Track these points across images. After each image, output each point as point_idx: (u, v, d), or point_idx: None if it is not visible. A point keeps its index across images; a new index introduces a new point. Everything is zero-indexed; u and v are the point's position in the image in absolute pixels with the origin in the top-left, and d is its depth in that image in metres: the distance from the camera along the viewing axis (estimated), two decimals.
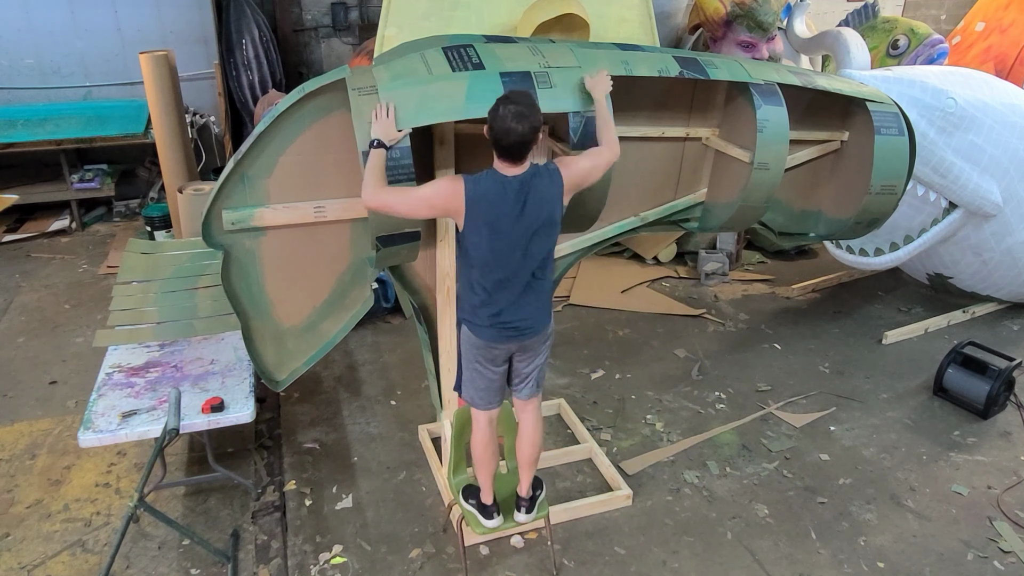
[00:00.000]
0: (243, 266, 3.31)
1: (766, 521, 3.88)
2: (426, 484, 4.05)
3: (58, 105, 7.54)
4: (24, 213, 7.41)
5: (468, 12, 3.53)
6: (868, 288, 6.45)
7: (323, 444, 4.36)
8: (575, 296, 6.19)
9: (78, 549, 3.56)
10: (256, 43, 7.53)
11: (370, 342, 5.47)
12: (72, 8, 7.39)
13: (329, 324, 3.56)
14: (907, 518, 3.92)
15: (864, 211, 3.71)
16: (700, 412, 4.75)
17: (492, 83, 2.93)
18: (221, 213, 3.14)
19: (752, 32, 6.53)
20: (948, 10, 10.28)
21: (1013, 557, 3.69)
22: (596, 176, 2.89)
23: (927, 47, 6.87)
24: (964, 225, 5.44)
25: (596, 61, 3.13)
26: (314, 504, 3.90)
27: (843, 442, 4.50)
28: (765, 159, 3.45)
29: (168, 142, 6.18)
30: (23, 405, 4.62)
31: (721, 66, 3.35)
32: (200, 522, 3.76)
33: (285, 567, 3.50)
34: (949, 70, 5.21)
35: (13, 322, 5.62)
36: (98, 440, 3.30)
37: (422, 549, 3.62)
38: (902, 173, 3.71)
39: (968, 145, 5.01)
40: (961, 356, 4.89)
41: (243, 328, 3.41)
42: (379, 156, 2.74)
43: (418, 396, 4.83)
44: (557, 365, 5.22)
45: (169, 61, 6.05)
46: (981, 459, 4.40)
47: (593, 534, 3.74)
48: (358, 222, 3.35)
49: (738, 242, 6.87)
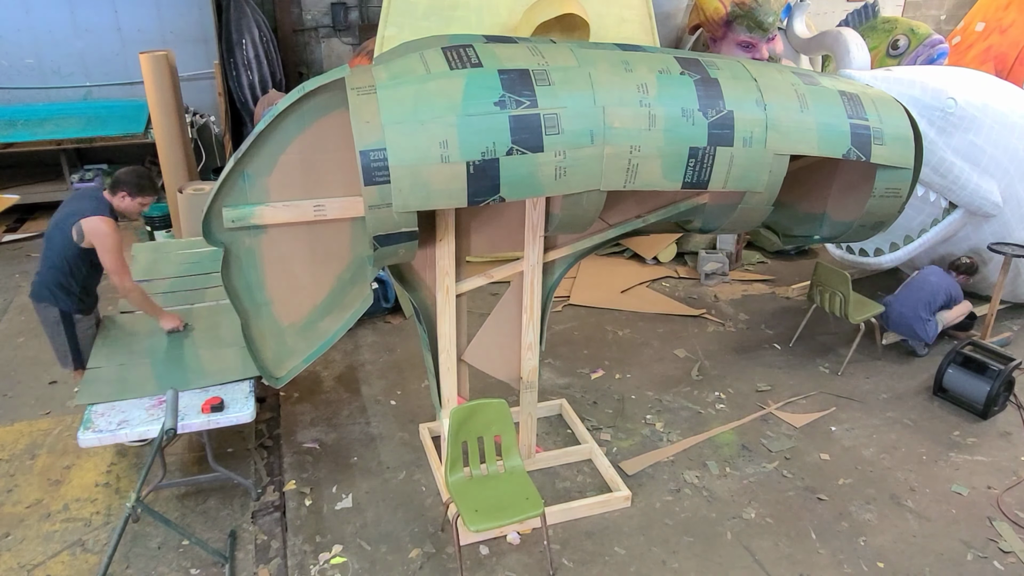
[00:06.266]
0: (243, 264, 3.32)
1: (766, 521, 3.87)
2: (426, 484, 4.05)
3: (58, 105, 7.56)
4: (24, 213, 7.42)
5: (468, 12, 3.54)
6: (868, 288, 6.44)
7: (323, 444, 4.36)
8: (575, 296, 6.19)
9: (78, 549, 3.56)
10: (256, 43, 7.54)
11: (370, 342, 5.47)
12: (72, 8, 7.40)
13: (328, 322, 3.56)
14: (907, 518, 3.92)
15: (868, 214, 3.70)
16: (700, 412, 4.75)
17: (490, 81, 2.93)
18: (221, 211, 3.15)
19: (752, 32, 6.53)
20: (948, 10, 10.28)
21: (1013, 557, 3.68)
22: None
23: (927, 47, 6.88)
24: (964, 225, 5.44)
25: (596, 61, 3.13)
26: (314, 504, 3.90)
27: (843, 442, 4.50)
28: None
29: (168, 142, 6.19)
30: (23, 405, 4.62)
31: (722, 66, 3.34)
32: (200, 522, 3.76)
33: (285, 567, 3.50)
34: (949, 70, 5.21)
35: (13, 322, 5.62)
36: (98, 440, 3.30)
37: (422, 549, 3.62)
38: (907, 176, 3.69)
39: (968, 145, 5.01)
40: (961, 356, 4.89)
41: (243, 325, 3.42)
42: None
43: (418, 396, 4.83)
44: (557, 365, 5.23)
45: (169, 61, 6.05)
46: (981, 459, 4.39)
47: (593, 534, 3.74)
48: (358, 221, 3.36)
49: (738, 242, 6.87)
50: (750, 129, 3.20)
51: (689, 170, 3.19)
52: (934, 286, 5.26)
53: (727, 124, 3.18)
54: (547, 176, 2.99)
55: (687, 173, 3.19)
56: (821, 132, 3.31)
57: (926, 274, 5.36)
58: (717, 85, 3.22)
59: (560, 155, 2.97)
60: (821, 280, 5.38)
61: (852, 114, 3.39)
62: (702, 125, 3.14)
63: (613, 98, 3.04)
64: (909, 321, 5.23)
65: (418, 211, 2.95)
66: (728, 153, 3.20)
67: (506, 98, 2.91)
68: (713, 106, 3.17)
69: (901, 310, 5.28)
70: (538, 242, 3.60)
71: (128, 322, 4.18)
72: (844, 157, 3.33)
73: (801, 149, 3.28)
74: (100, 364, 3.79)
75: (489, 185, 2.94)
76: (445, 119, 2.85)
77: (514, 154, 2.91)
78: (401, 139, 2.82)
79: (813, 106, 3.33)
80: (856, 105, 3.42)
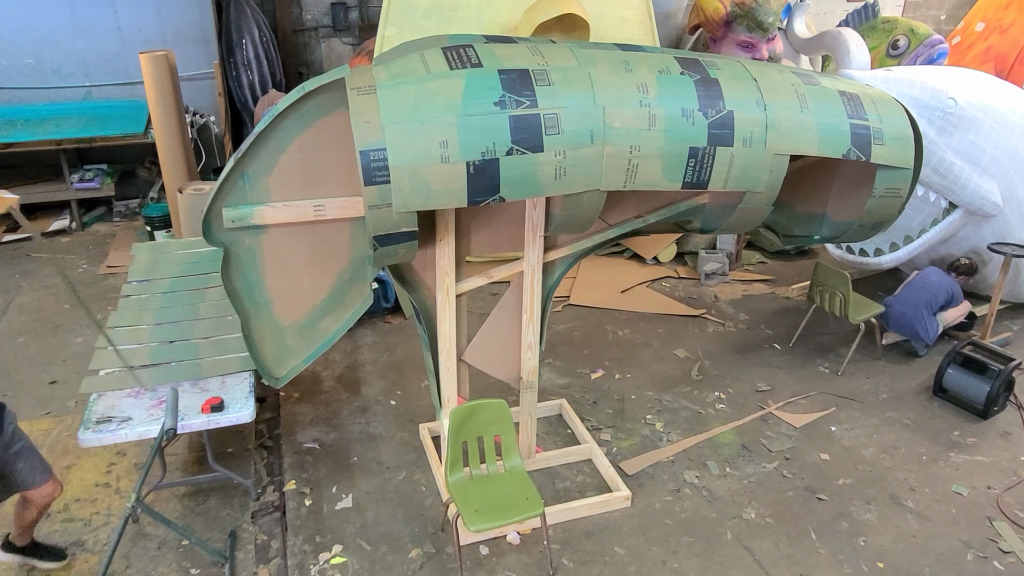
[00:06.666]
0: (243, 264, 3.32)
1: (766, 521, 3.87)
2: (426, 484, 4.05)
3: (58, 105, 7.56)
4: (24, 213, 7.40)
5: (468, 12, 3.54)
6: (868, 288, 6.44)
7: (323, 444, 4.36)
8: (575, 296, 6.19)
9: (78, 549, 3.56)
10: (256, 43, 7.54)
11: (370, 342, 5.47)
12: (72, 8, 7.40)
13: (328, 322, 3.56)
14: (907, 518, 3.92)
15: (868, 214, 3.70)
16: (700, 412, 4.75)
17: (490, 81, 2.93)
18: (221, 211, 3.15)
19: (752, 32, 6.53)
20: (948, 10, 10.28)
21: (1013, 557, 3.68)
22: None
23: (927, 47, 6.88)
24: (964, 225, 5.44)
25: (596, 61, 3.13)
26: (314, 504, 3.90)
27: (843, 442, 4.50)
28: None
29: (168, 142, 6.18)
30: (23, 405, 4.62)
31: (722, 66, 3.34)
32: (200, 522, 3.76)
33: (285, 567, 3.50)
34: (949, 70, 5.22)
35: (13, 322, 5.62)
36: (98, 440, 3.30)
37: (422, 549, 3.62)
38: (907, 176, 3.69)
39: (968, 145, 5.02)
40: (961, 356, 4.89)
41: (243, 325, 3.42)
42: None
43: (418, 396, 4.83)
44: (557, 365, 5.23)
45: (169, 61, 6.05)
46: (981, 459, 4.39)
47: (593, 534, 3.74)
48: (357, 221, 3.36)
49: (738, 242, 6.87)
50: (750, 129, 3.20)
51: (689, 170, 3.19)
52: (936, 286, 5.26)
53: (727, 124, 3.18)
54: (547, 176, 2.99)
55: (687, 173, 3.19)
56: (821, 132, 3.31)
57: (927, 274, 5.36)
58: (717, 85, 3.22)
59: (560, 155, 2.97)
60: (821, 280, 5.38)
61: (852, 114, 3.38)
62: (702, 125, 3.14)
63: (613, 98, 3.04)
64: (911, 321, 5.23)
65: (418, 211, 2.95)
66: (728, 153, 3.19)
67: (506, 98, 2.91)
68: (713, 106, 3.17)
69: (902, 310, 5.28)
70: (538, 242, 3.61)
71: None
72: (844, 157, 3.33)
73: (801, 149, 3.28)
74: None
75: (489, 185, 2.94)
76: (445, 119, 2.85)
77: (514, 154, 2.91)
78: (401, 139, 2.82)
79: (813, 106, 3.33)
80: (856, 105, 3.42)
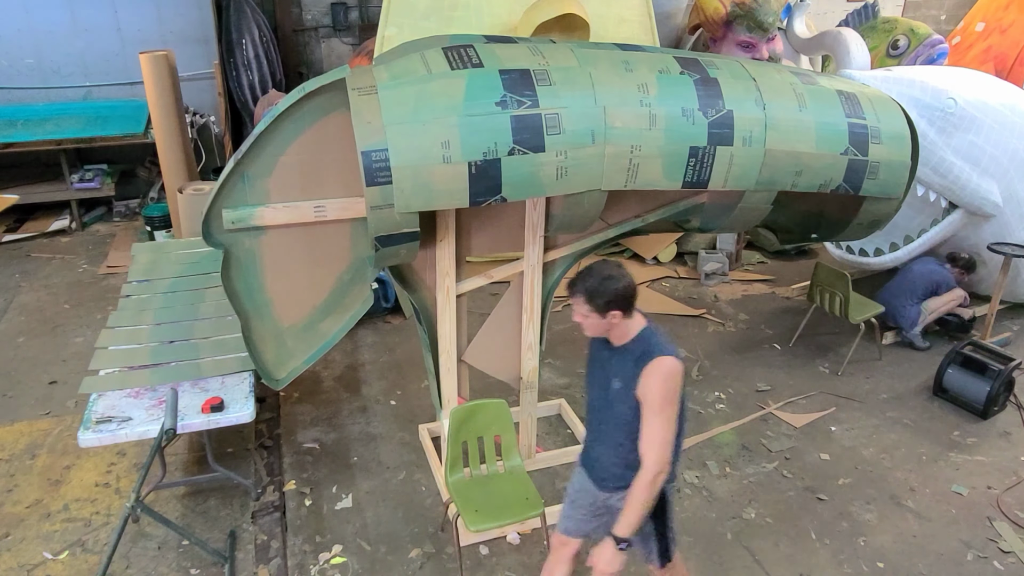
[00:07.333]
0: (243, 265, 3.31)
1: (766, 521, 3.87)
2: (426, 484, 4.05)
3: (58, 105, 7.55)
4: (24, 213, 7.41)
5: (468, 12, 3.53)
6: (868, 288, 6.44)
7: (323, 444, 4.36)
8: None
9: (78, 549, 3.56)
10: (256, 43, 7.54)
11: (370, 342, 5.47)
12: (72, 8, 7.40)
13: (329, 323, 3.56)
14: (907, 518, 3.92)
15: (865, 212, 3.71)
16: (700, 412, 4.75)
17: (491, 81, 2.93)
18: (221, 212, 3.14)
19: (752, 32, 6.53)
20: (948, 10, 10.28)
21: (1013, 557, 3.68)
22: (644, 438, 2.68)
23: (927, 47, 6.88)
24: (964, 225, 5.44)
25: (596, 61, 3.13)
26: (314, 504, 3.90)
27: (843, 442, 4.50)
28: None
29: (168, 142, 6.18)
30: (23, 405, 4.62)
31: (721, 66, 3.34)
32: (200, 522, 3.76)
33: (285, 567, 3.50)
34: (949, 70, 5.22)
35: (13, 322, 5.62)
36: (98, 440, 3.30)
37: (422, 549, 3.62)
38: (904, 176, 3.70)
39: (968, 145, 5.02)
40: (961, 356, 4.89)
41: (243, 327, 3.41)
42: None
43: (418, 396, 4.83)
44: (557, 365, 5.23)
45: (169, 61, 6.05)
46: (981, 459, 4.40)
47: None
48: (358, 222, 3.36)
49: (738, 242, 6.87)
50: (749, 128, 3.20)
51: (689, 169, 3.19)
52: (916, 274, 5.48)
53: (727, 123, 3.18)
54: (548, 176, 2.99)
55: (687, 172, 3.20)
56: (819, 131, 3.32)
57: (911, 264, 5.59)
58: (716, 85, 3.23)
59: (561, 155, 2.97)
60: (821, 280, 5.39)
61: (850, 113, 3.39)
62: (702, 124, 3.14)
63: (614, 98, 3.04)
64: (892, 308, 5.47)
65: (419, 211, 2.95)
66: (728, 152, 3.20)
67: (507, 98, 2.91)
68: (713, 105, 3.17)
69: (885, 297, 5.53)
70: (538, 242, 3.61)
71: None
72: (843, 156, 3.33)
73: (800, 148, 3.28)
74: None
75: (491, 185, 2.94)
76: (446, 119, 2.85)
77: (516, 154, 2.91)
78: (403, 139, 2.82)
79: (811, 105, 3.34)
80: (854, 104, 3.43)
